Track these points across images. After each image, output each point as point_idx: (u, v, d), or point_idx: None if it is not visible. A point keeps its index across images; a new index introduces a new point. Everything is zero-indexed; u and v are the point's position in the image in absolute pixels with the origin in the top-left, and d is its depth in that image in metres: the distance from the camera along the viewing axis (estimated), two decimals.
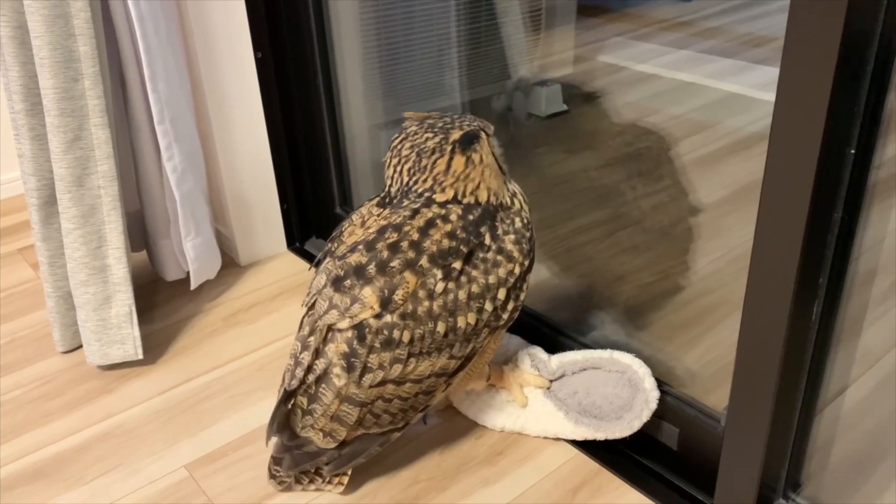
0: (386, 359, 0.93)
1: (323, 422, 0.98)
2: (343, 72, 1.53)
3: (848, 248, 0.79)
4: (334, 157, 1.58)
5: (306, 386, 0.98)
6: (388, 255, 0.92)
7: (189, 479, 1.09)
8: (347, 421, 0.97)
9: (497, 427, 1.13)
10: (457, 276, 0.93)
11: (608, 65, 1.92)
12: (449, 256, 0.93)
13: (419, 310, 0.92)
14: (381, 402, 0.97)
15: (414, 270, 0.92)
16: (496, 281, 0.96)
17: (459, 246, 0.94)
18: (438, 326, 0.93)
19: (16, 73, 1.17)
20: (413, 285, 0.92)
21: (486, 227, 0.96)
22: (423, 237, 0.93)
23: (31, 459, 1.13)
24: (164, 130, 1.31)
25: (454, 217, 0.95)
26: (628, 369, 1.07)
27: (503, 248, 0.96)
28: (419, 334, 0.93)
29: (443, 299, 0.93)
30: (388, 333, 0.92)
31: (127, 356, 1.29)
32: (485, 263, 0.95)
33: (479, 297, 0.95)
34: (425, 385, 0.97)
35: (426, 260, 0.92)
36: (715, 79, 1.86)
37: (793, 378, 0.86)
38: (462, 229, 0.94)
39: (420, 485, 1.06)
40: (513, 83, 1.76)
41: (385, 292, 0.92)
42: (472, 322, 0.95)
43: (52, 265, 1.29)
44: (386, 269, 0.92)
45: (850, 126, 0.72)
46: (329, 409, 0.97)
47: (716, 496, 0.98)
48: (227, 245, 1.63)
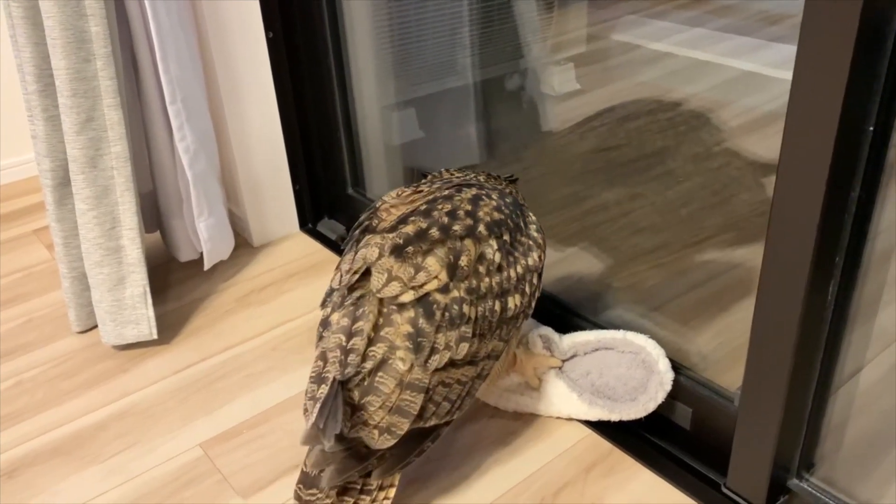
0: (452, 338, 0.89)
1: (380, 416, 0.87)
2: (355, 52, 1.52)
3: (865, 228, 0.79)
4: (346, 137, 1.58)
5: (360, 377, 0.88)
6: (448, 220, 0.92)
7: (204, 457, 1.10)
8: (410, 411, 0.88)
9: (510, 408, 1.13)
10: (508, 250, 0.94)
11: (622, 43, 1.90)
12: (501, 227, 0.94)
13: (482, 286, 0.91)
14: (441, 387, 0.90)
15: (474, 237, 0.92)
16: (533, 264, 0.98)
17: (507, 220, 0.96)
18: (496, 305, 0.93)
19: (28, 53, 1.17)
20: (474, 252, 0.91)
21: (519, 212, 1.00)
22: (475, 208, 0.94)
23: (50, 437, 1.15)
24: (176, 111, 1.31)
25: (496, 196, 0.98)
26: (642, 350, 1.06)
27: (531, 234, 0.99)
28: (481, 312, 0.91)
29: (499, 276, 0.93)
30: (458, 308, 0.89)
31: (141, 336, 1.30)
32: (522, 246, 0.97)
33: (521, 279, 0.96)
34: (480, 367, 0.94)
35: (484, 227, 0.93)
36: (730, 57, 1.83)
37: (807, 358, 0.85)
38: (506, 206, 0.97)
39: (433, 463, 1.06)
40: (525, 62, 1.75)
41: (451, 258, 0.90)
42: (518, 304, 0.95)
43: (67, 246, 1.30)
44: (449, 233, 0.91)
45: (869, 103, 0.70)
46: (389, 399, 0.87)
47: (729, 476, 0.98)
48: (240, 226, 1.63)
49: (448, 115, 1.71)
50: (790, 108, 0.72)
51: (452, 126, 1.72)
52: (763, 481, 0.93)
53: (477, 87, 1.69)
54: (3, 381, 1.27)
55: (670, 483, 1.02)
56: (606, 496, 1.00)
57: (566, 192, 1.57)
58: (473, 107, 1.71)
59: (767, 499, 0.94)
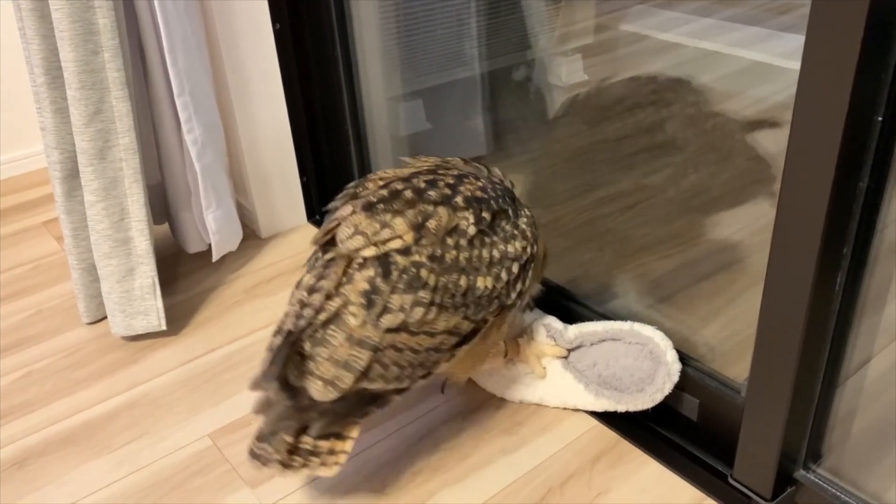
0: (408, 300, 0.89)
1: (326, 367, 0.89)
2: (361, 43, 1.52)
3: (873, 218, 0.78)
4: (353, 129, 1.58)
5: (312, 329, 0.90)
6: (426, 186, 0.94)
7: (213, 447, 1.11)
8: (356, 367, 0.89)
9: (516, 399, 1.14)
10: (485, 227, 0.94)
11: (630, 33, 1.88)
12: (481, 204, 0.95)
13: (447, 256, 0.91)
14: (392, 350, 0.90)
15: (449, 206, 0.93)
16: (513, 252, 0.97)
17: (490, 200, 0.96)
18: (461, 280, 0.93)
19: (37, 46, 1.18)
20: (445, 220, 0.92)
21: (510, 201, 1.00)
22: (457, 182, 0.96)
23: (61, 427, 1.16)
24: (183, 103, 1.31)
25: (483, 180, 0.99)
26: (650, 342, 1.06)
27: (519, 225, 0.99)
28: (443, 283, 0.92)
29: (469, 252, 0.93)
30: (415, 272, 0.90)
31: (150, 327, 1.31)
32: (504, 232, 0.97)
33: (497, 263, 0.95)
34: (437, 341, 0.93)
35: (461, 199, 0.94)
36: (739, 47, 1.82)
37: (815, 349, 0.85)
38: (493, 190, 0.98)
39: (440, 453, 1.07)
40: (533, 52, 1.74)
41: (419, 220, 0.91)
42: (489, 287, 0.95)
43: (76, 238, 1.30)
44: (423, 196, 0.92)
45: (878, 93, 0.70)
46: (337, 352, 0.89)
47: (735, 467, 0.98)
48: (248, 217, 1.64)
49: (455, 106, 1.70)
50: (798, 97, 0.71)
51: (459, 117, 1.71)
52: (770, 472, 0.93)
53: (484, 78, 1.68)
54: (13, 372, 1.28)
55: (677, 474, 1.02)
56: (613, 487, 1.00)
57: (574, 182, 1.56)
58: (480, 98, 1.71)
59: (774, 490, 0.94)
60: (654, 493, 0.99)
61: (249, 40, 1.45)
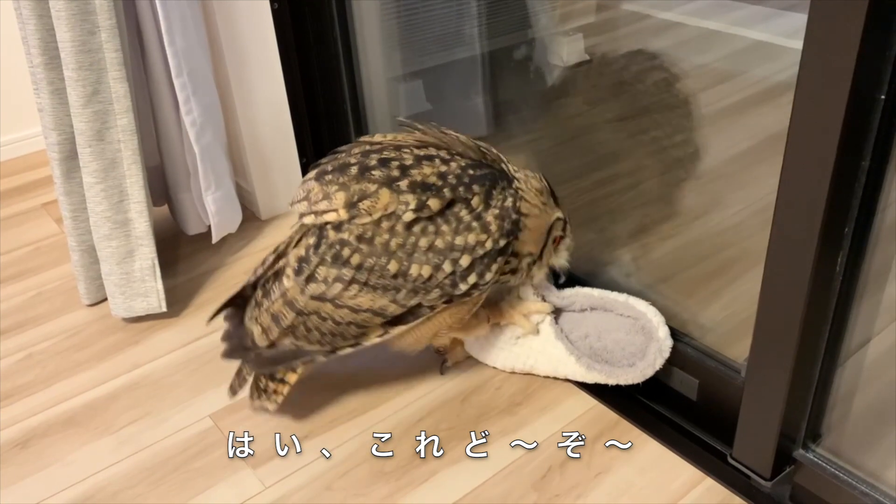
0: (332, 274, 0.94)
1: (264, 317, 1.00)
2: (361, 23, 1.51)
3: (875, 198, 0.78)
4: (352, 110, 1.57)
5: (265, 279, 1.01)
6: (375, 164, 0.93)
7: (214, 427, 1.11)
8: (282, 323, 0.98)
9: (507, 367, 1.13)
10: (425, 221, 0.92)
11: (632, 13, 1.87)
12: (428, 191, 0.92)
13: (377, 239, 0.91)
14: (315, 317, 0.97)
15: (391, 189, 0.92)
16: (462, 244, 0.93)
17: (443, 189, 0.93)
18: (390, 264, 0.92)
19: (33, 26, 1.17)
20: (383, 204, 0.91)
21: (480, 188, 0.95)
22: (415, 165, 0.93)
23: (63, 408, 1.16)
24: (182, 84, 1.31)
25: (454, 165, 0.95)
26: (643, 317, 1.06)
27: (482, 216, 0.94)
28: (370, 264, 0.92)
29: (403, 238, 0.92)
30: (338, 248, 0.93)
31: (151, 309, 1.31)
32: (458, 222, 0.93)
33: (439, 253, 0.93)
34: (360, 318, 0.96)
35: (406, 184, 0.92)
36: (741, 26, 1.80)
37: (815, 329, 0.85)
38: (455, 177, 0.94)
39: (442, 433, 1.07)
40: (534, 32, 1.73)
41: (355, 197, 0.92)
42: (425, 275, 0.93)
43: (76, 219, 1.30)
44: (365, 175, 0.92)
45: (881, 71, 0.69)
46: (273, 306, 0.99)
47: (735, 446, 0.98)
48: (248, 199, 1.64)
49: (455, 86, 1.69)
50: (801, 76, 0.71)
51: (460, 98, 1.70)
52: (769, 452, 0.93)
53: (485, 58, 1.67)
54: (14, 354, 1.28)
55: (676, 453, 1.02)
56: (613, 466, 1.01)
57: (575, 162, 1.56)
58: (481, 78, 1.69)
59: (773, 469, 0.95)
60: (654, 473, 1.00)
61: (248, 20, 1.44)
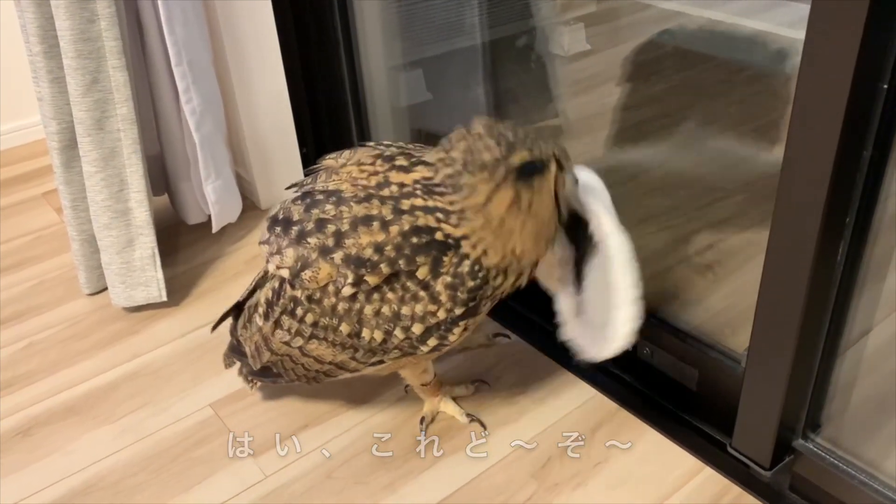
0: (294, 327, 0.91)
1: (249, 343, 1.01)
2: (361, 12, 1.50)
3: (877, 188, 0.77)
4: (353, 99, 1.57)
5: (249, 304, 1.01)
6: (312, 228, 0.86)
7: (214, 416, 1.11)
8: (262, 357, 0.99)
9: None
10: (368, 290, 0.85)
11: (634, 3, 1.86)
12: (363, 268, 0.83)
13: (325, 301, 0.87)
14: (288, 360, 0.97)
15: (326, 260, 0.85)
16: (410, 314, 0.85)
17: (380, 264, 0.83)
18: (342, 326, 0.88)
19: (31, 14, 1.16)
20: (324, 276, 0.85)
21: (425, 258, 0.83)
22: (351, 232, 0.84)
23: (64, 397, 1.17)
24: (181, 73, 1.30)
25: (394, 231, 0.83)
26: None
27: (431, 285, 0.84)
28: (324, 323, 0.89)
29: (348, 304, 0.86)
30: (293, 306, 0.90)
31: (151, 298, 1.31)
32: (404, 291, 0.84)
33: (388, 321, 0.86)
34: (326, 368, 0.95)
35: (341, 257, 0.84)
36: (744, 16, 1.80)
37: (816, 320, 0.85)
38: (395, 248, 0.83)
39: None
40: (535, 21, 1.72)
41: (298, 265, 0.86)
42: (378, 339, 0.88)
43: (76, 209, 1.30)
44: (301, 242, 0.86)
45: (884, 60, 0.69)
46: (253, 336, 0.99)
47: (734, 436, 0.98)
48: (248, 189, 1.63)
49: (456, 76, 1.69)
50: (803, 64, 0.70)
51: (460, 87, 1.70)
52: (768, 442, 0.93)
53: (485, 47, 1.67)
54: (15, 343, 1.28)
55: (676, 443, 1.02)
56: (612, 456, 1.01)
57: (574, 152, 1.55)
58: (482, 68, 1.69)
59: (772, 459, 0.95)
60: (653, 462, 1.00)
61: (248, 9, 1.43)
